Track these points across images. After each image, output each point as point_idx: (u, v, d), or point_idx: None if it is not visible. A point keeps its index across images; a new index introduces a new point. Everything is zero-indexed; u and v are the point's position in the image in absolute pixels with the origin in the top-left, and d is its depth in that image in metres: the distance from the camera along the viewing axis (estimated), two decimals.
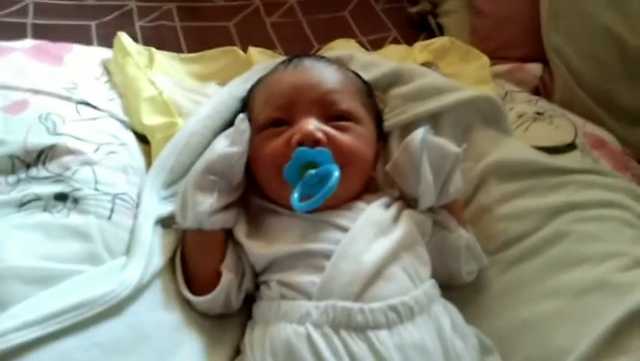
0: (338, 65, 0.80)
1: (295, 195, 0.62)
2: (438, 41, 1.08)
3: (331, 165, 0.64)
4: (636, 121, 1.06)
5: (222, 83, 0.91)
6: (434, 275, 0.68)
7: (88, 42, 1.07)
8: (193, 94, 0.87)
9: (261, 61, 0.96)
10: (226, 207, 0.67)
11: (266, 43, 1.13)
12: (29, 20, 1.14)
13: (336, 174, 0.62)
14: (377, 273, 0.61)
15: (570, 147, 0.84)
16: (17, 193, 0.64)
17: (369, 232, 0.65)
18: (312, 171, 0.63)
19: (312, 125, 0.68)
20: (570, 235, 0.73)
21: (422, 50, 1.06)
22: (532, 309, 0.68)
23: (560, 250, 0.72)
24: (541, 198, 0.77)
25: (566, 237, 0.72)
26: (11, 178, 0.65)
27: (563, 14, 1.06)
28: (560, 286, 0.68)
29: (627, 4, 1.02)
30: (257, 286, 0.69)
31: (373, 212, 0.68)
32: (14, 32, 1.04)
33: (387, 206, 0.70)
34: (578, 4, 1.05)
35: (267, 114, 0.72)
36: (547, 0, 1.08)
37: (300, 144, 0.67)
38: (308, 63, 0.77)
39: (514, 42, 1.15)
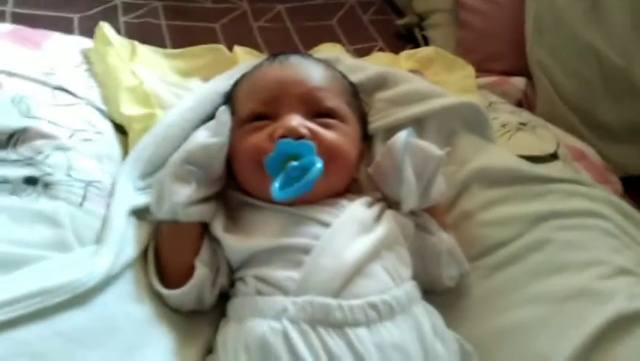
0: (324, 63, 0.79)
1: (276, 185, 0.60)
2: (423, 51, 1.08)
3: (314, 157, 0.62)
4: (617, 138, 1.07)
5: (206, 79, 0.90)
6: (415, 279, 0.66)
7: (69, 34, 1.04)
8: (175, 88, 0.85)
9: (247, 60, 0.95)
10: (204, 200, 0.65)
11: (252, 47, 1.11)
12: (9, 8, 1.11)
13: (319, 165, 0.61)
14: (357, 270, 0.59)
15: (552, 156, 0.85)
16: None
17: (352, 229, 0.63)
18: (295, 163, 0.62)
19: (295, 120, 0.67)
20: (552, 242, 0.72)
21: (408, 58, 1.06)
22: (514, 315, 0.67)
23: (542, 258, 0.71)
24: (523, 205, 0.76)
25: (547, 244, 0.72)
26: None
27: (546, 30, 1.08)
28: (542, 293, 0.67)
29: (608, 21, 1.04)
30: (232, 284, 0.66)
31: (356, 209, 0.66)
32: None
33: (370, 205, 0.69)
34: (562, 20, 1.07)
35: (251, 108, 0.71)
36: (531, 15, 1.09)
37: (283, 138, 0.65)
38: (294, 60, 0.76)
39: (499, 55, 1.17)
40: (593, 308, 0.63)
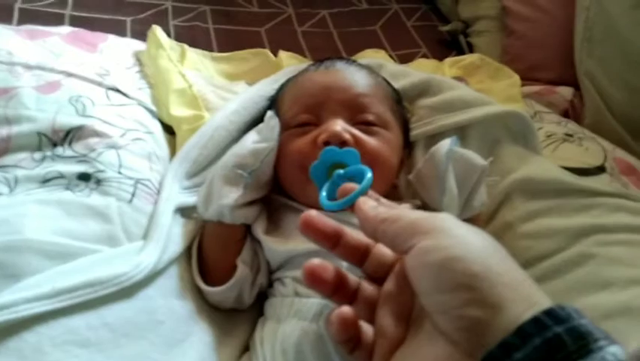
0: (369, 69, 0.80)
1: (323, 194, 0.61)
2: (468, 58, 1.07)
3: (361, 166, 0.63)
4: None
5: (251, 83, 0.92)
6: None
7: (122, 36, 1.08)
8: (222, 91, 0.88)
9: (291, 65, 0.97)
10: (249, 204, 0.67)
11: (296, 51, 1.13)
12: (68, 11, 1.16)
13: (369, 175, 0.61)
14: None
15: (599, 169, 0.83)
16: (41, 170, 0.64)
17: None
18: (341, 171, 0.62)
19: (339, 125, 0.67)
20: (595, 257, 0.70)
21: (452, 65, 1.06)
22: None
23: (584, 273, 0.69)
24: (567, 218, 0.75)
25: (590, 259, 0.70)
26: (37, 155, 0.66)
27: (597, 39, 1.05)
28: (584, 308, 0.65)
29: None
30: (270, 284, 0.68)
31: None
32: (53, 22, 1.07)
33: None
34: (613, 29, 1.03)
35: (295, 114, 0.72)
36: (582, 24, 1.07)
37: (326, 143, 0.66)
38: (340, 65, 0.77)
39: (545, 64, 1.14)
40: (636, 327, 0.61)
